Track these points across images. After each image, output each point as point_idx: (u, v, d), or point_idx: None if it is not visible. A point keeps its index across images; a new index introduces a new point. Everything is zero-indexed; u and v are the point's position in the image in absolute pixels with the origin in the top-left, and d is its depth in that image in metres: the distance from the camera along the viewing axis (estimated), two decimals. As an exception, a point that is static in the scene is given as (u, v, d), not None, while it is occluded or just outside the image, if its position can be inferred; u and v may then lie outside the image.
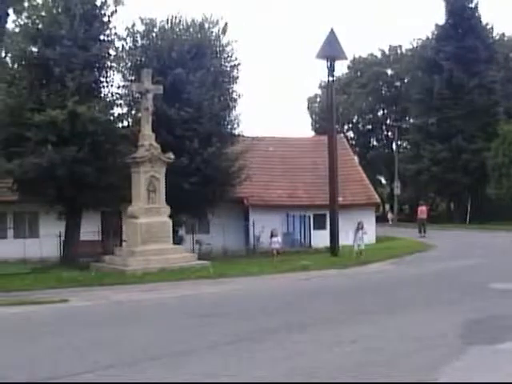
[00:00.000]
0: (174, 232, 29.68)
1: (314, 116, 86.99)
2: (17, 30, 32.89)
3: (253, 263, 28.81)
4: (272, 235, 31.26)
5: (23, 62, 29.78)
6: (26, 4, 50.23)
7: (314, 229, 38.80)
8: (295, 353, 10.68)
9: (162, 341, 12.18)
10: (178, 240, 31.20)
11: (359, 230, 29.57)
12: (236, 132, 34.35)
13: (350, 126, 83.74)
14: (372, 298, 17.43)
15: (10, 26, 50.67)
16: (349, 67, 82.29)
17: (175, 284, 22.63)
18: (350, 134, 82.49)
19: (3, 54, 50.57)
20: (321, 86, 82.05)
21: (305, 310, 15.70)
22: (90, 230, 32.38)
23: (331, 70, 32.10)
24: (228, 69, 33.58)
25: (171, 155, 28.00)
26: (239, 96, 33.90)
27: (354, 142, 78.28)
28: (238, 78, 33.84)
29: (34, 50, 29.40)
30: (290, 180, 41.69)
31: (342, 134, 54.69)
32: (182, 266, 26.31)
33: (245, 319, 14.28)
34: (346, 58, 35.60)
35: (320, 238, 35.75)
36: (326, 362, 9.89)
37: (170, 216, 28.00)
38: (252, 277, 24.60)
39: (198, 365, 10.04)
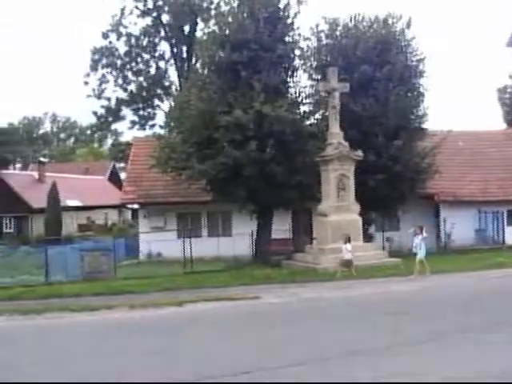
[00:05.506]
0: (364, 230, 29.60)
1: (504, 107, 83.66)
2: (205, 37, 34.07)
3: (445, 260, 28.20)
4: (345, 241, 25.39)
5: (212, 68, 30.72)
6: (212, 12, 52.53)
7: (508, 225, 37.37)
8: (488, 354, 10.34)
9: (351, 338, 12.20)
10: (368, 238, 31.07)
11: (417, 236, 24.69)
12: (424, 126, 33.71)
13: (545, 116, 79.75)
14: None
15: (198, 34, 53.27)
16: (541, 55, 78.50)
17: (366, 282, 22.59)
18: (545, 124, 78.63)
19: (193, 61, 52.97)
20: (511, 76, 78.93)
21: (500, 308, 15.13)
22: (281, 228, 32.94)
23: (523, 58, 30.95)
24: (414, 63, 33.03)
25: (360, 153, 27.97)
26: (426, 90, 33.30)
27: (549, 133, 74.57)
28: (424, 71, 33.21)
29: (222, 55, 30.22)
30: (481, 175, 40.30)
31: (536, 125, 52.32)
32: (372, 263, 26.24)
33: (435, 317, 14.01)
34: (538, 46, 34.17)
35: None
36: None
37: (360, 213, 27.96)
38: (445, 274, 24.13)
39: (390, 363, 10.02)
